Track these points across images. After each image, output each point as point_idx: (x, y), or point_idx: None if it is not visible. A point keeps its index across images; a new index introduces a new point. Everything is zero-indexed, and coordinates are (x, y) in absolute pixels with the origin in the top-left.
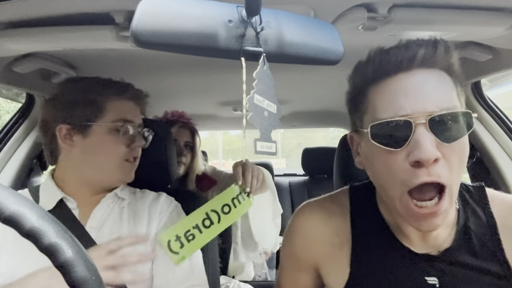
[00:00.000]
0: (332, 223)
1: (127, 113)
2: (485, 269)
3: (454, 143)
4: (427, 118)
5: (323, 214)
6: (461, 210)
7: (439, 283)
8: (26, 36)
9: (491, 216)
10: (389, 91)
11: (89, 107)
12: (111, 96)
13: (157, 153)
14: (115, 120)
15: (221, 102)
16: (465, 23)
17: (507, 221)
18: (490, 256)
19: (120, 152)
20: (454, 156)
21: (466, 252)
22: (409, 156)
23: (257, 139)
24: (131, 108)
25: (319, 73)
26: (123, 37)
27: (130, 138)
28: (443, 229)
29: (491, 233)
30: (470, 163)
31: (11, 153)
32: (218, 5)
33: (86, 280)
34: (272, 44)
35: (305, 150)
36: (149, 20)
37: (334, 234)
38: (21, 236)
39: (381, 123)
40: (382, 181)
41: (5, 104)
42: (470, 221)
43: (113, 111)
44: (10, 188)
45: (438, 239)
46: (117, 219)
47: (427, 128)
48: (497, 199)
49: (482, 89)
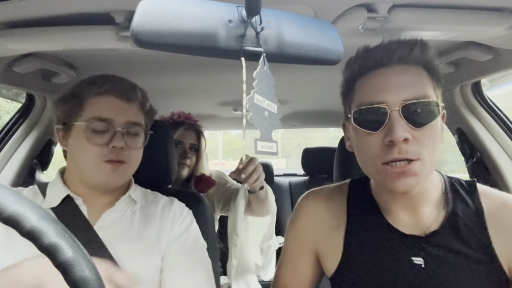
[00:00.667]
0: (332, 208)
1: (105, 111)
2: (470, 254)
3: (424, 128)
4: (400, 106)
5: (325, 200)
6: (450, 198)
7: (425, 263)
8: (26, 36)
9: (480, 205)
10: (370, 83)
11: (71, 105)
12: (91, 93)
13: (157, 153)
14: (90, 118)
15: (221, 102)
16: (465, 23)
17: (495, 213)
18: (476, 243)
19: (95, 153)
20: (424, 138)
21: (452, 237)
22: (384, 138)
23: (258, 139)
24: (111, 105)
25: (319, 73)
26: (123, 37)
27: (108, 138)
28: (430, 211)
29: (478, 221)
30: (470, 163)
31: (11, 153)
32: (218, 5)
33: (86, 280)
34: (272, 44)
35: (305, 150)
36: (149, 20)
37: (333, 217)
38: (21, 236)
39: (361, 109)
40: (364, 159)
41: (5, 104)
42: (458, 208)
43: (91, 109)
44: (10, 188)
45: (425, 221)
46: (128, 222)
47: (400, 114)
48: (488, 193)
49: (482, 89)
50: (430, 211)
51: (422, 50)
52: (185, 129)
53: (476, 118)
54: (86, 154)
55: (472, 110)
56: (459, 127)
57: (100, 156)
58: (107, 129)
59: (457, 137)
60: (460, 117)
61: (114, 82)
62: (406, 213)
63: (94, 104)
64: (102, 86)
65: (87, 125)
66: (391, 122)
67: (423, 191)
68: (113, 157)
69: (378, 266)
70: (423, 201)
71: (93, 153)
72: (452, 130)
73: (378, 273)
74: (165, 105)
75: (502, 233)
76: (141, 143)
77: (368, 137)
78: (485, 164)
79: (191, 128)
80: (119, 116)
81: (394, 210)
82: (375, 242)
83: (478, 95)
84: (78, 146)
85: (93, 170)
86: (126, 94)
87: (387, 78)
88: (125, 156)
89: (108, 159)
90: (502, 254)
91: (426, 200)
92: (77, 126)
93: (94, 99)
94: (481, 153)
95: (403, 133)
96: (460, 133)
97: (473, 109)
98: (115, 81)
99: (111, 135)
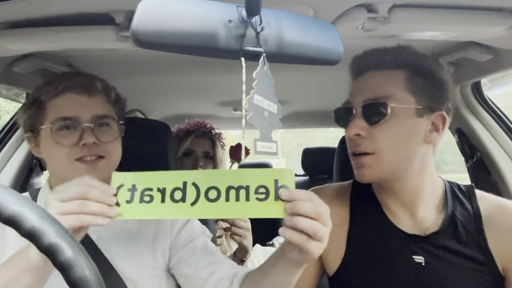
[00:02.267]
0: (335, 206)
1: (67, 109)
2: (468, 255)
3: (378, 125)
4: (361, 106)
5: (328, 198)
6: (449, 201)
7: (425, 262)
8: (26, 36)
9: (477, 209)
10: (351, 87)
11: (34, 111)
12: (49, 94)
13: (157, 153)
14: (54, 120)
15: (221, 102)
16: (465, 23)
17: (492, 217)
18: (474, 244)
19: (66, 153)
20: (379, 135)
21: (451, 238)
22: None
23: (257, 139)
24: (73, 102)
25: (319, 73)
26: (123, 37)
27: (77, 136)
28: (430, 213)
29: (476, 223)
30: (470, 163)
31: (11, 153)
32: (218, 5)
33: (86, 280)
34: (272, 44)
35: (305, 150)
36: (149, 20)
37: (336, 215)
38: (21, 236)
39: (337, 108)
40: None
41: (5, 104)
42: (457, 211)
43: (53, 111)
44: (10, 188)
45: (425, 222)
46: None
47: (360, 113)
48: (485, 198)
49: (482, 89)
50: (430, 213)
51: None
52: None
53: (476, 118)
54: (58, 157)
55: (472, 110)
56: (459, 127)
57: (71, 155)
58: (74, 127)
59: (457, 137)
60: (460, 117)
61: (70, 78)
62: (406, 213)
63: (55, 105)
64: (59, 85)
65: (51, 127)
66: (351, 120)
67: (416, 190)
68: (86, 153)
69: (380, 263)
70: (421, 201)
71: (64, 154)
72: (452, 130)
73: (381, 270)
74: (165, 105)
75: (497, 235)
76: (115, 135)
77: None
78: (485, 164)
79: (203, 136)
80: (84, 112)
81: (395, 209)
82: (378, 240)
83: (478, 95)
84: (49, 150)
85: (68, 171)
86: (86, 88)
87: (358, 83)
88: (101, 150)
89: (79, 157)
90: (497, 254)
91: (423, 200)
92: (44, 130)
93: (54, 100)
94: (481, 153)
95: (354, 130)
96: (460, 133)
97: (473, 109)
98: (71, 77)
99: (80, 132)
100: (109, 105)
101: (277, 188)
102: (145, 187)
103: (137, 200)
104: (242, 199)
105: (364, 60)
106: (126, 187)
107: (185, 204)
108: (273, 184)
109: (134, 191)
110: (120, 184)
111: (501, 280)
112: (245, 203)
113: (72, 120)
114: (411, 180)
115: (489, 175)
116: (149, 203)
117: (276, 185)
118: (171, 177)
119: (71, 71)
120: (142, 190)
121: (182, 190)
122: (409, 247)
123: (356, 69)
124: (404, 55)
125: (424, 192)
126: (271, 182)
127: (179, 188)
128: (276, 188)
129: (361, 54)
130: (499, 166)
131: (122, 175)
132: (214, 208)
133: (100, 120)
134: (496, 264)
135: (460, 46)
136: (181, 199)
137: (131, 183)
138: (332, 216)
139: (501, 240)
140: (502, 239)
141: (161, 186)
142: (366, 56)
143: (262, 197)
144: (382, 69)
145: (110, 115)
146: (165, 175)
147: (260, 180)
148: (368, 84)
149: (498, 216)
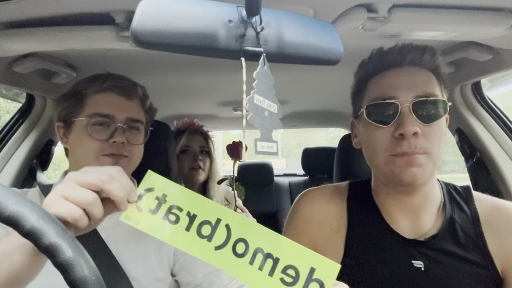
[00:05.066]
0: (332, 208)
1: (106, 107)
2: (467, 258)
3: (432, 124)
4: (411, 102)
5: (324, 200)
6: (447, 204)
7: (424, 266)
8: (26, 36)
9: (475, 211)
10: (383, 81)
11: (72, 103)
12: (91, 90)
13: (157, 153)
14: (91, 114)
15: (221, 102)
16: (465, 23)
17: (490, 219)
18: (473, 247)
19: (95, 147)
20: (432, 134)
21: (450, 241)
22: (395, 131)
23: (258, 139)
24: (112, 102)
25: (319, 73)
26: (123, 37)
27: (109, 133)
28: (429, 217)
29: (474, 226)
30: (470, 163)
31: (11, 153)
32: (218, 5)
33: (86, 280)
34: (272, 44)
35: (305, 150)
36: (149, 20)
37: (333, 218)
38: (21, 236)
39: (375, 103)
40: (372, 152)
41: (5, 104)
42: (455, 214)
43: (91, 106)
44: (10, 188)
45: (424, 226)
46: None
47: (410, 110)
48: (483, 199)
49: (482, 89)
50: (429, 217)
51: (432, 56)
52: (190, 133)
53: (476, 118)
54: (87, 149)
55: (472, 110)
56: (459, 127)
57: (100, 150)
58: (108, 124)
59: (457, 137)
60: (460, 117)
61: (115, 79)
62: (406, 217)
63: (95, 101)
64: (103, 83)
65: (88, 120)
66: (401, 117)
67: (428, 193)
68: (114, 151)
69: (379, 268)
70: (424, 207)
71: (94, 147)
72: (452, 130)
73: (379, 275)
74: (165, 105)
75: (496, 236)
76: (141, 140)
77: (378, 131)
78: (485, 164)
79: (196, 132)
80: (120, 113)
81: (394, 213)
82: (376, 245)
83: (478, 95)
84: (79, 142)
85: (93, 163)
86: (126, 91)
87: (399, 77)
88: (126, 150)
89: (108, 153)
90: (496, 256)
91: (427, 206)
92: (78, 122)
93: (95, 96)
94: (481, 153)
95: (413, 127)
96: (460, 133)
97: (473, 109)
98: (115, 78)
99: (112, 130)
100: (143, 111)
101: (309, 279)
102: (175, 204)
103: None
104: (266, 271)
105: (400, 53)
106: (155, 194)
107: (209, 245)
108: (307, 272)
109: (163, 202)
110: (150, 187)
111: (500, 283)
112: (267, 277)
113: (108, 118)
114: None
115: (489, 175)
116: (172, 224)
117: (310, 275)
118: (206, 206)
119: (115, 74)
120: (171, 205)
121: (213, 227)
122: (408, 252)
123: (387, 62)
124: (436, 56)
125: (430, 198)
126: (306, 269)
127: (210, 223)
128: (308, 279)
129: (395, 47)
130: (499, 166)
131: (157, 177)
132: (234, 265)
133: (132, 123)
134: (496, 266)
135: (460, 46)
136: (207, 236)
137: (162, 191)
138: (329, 219)
139: (500, 242)
140: (501, 241)
141: (192, 211)
142: (403, 50)
143: (288, 281)
144: (422, 67)
145: (142, 120)
146: (201, 201)
147: (296, 258)
148: (415, 80)
149: (496, 218)
